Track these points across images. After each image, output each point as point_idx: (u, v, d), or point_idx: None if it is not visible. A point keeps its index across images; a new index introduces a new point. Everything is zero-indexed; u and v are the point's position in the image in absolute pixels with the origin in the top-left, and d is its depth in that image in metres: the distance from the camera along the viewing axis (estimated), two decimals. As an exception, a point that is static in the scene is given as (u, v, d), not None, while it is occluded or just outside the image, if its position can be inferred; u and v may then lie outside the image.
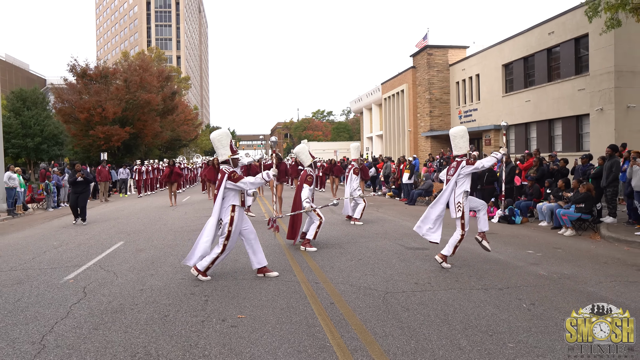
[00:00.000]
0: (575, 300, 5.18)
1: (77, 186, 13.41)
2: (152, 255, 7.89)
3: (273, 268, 6.63)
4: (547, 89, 21.91)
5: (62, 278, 6.44)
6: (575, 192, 11.40)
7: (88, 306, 5.09)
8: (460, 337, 4.11)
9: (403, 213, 14.40)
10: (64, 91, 32.64)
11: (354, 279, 6.10)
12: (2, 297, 5.62)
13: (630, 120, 18.14)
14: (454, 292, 5.46)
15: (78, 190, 13.37)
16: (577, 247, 8.94)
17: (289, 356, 3.74)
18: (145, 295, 5.45)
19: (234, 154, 6.38)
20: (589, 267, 6.96)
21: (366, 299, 5.22)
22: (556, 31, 21.20)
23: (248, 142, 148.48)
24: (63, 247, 9.12)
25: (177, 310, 4.85)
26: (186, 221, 12.54)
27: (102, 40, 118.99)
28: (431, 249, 8.09)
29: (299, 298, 5.26)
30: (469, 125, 28.62)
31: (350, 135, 72.97)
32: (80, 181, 13.35)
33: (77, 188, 13.40)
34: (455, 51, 31.32)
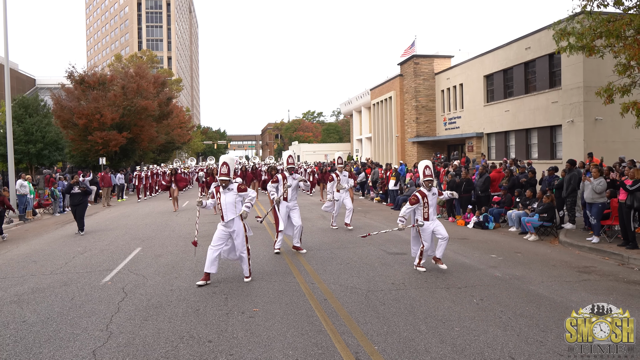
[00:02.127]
0: (516, 296, 6.61)
1: (74, 198, 13.46)
2: (171, 260, 9.22)
3: (276, 272, 8.02)
4: (524, 100, 23.48)
5: (101, 280, 7.76)
6: (539, 202, 12.91)
7: (132, 303, 6.43)
8: (421, 324, 5.51)
9: (388, 219, 15.81)
10: (63, 97, 33.69)
11: (342, 280, 7.49)
12: (57, 295, 6.92)
13: (598, 131, 19.76)
14: (422, 291, 6.88)
15: (75, 202, 13.40)
16: (535, 251, 10.41)
17: (295, 337, 5.12)
18: (175, 294, 6.80)
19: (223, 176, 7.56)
20: (537, 269, 8.41)
21: (352, 296, 6.62)
22: (532, 47, 22.78)
23: (239, 142, 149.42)
24: (88, 252, 10.41)
25: (205, 306, 6.21)
26: (192, 227, 13.79)
27: (92, 40, 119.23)
28: (408, 254, 9.50)
29: (299, 296, 6.65)
30: (453, 132, 30.20)
31: (340, 137, 74.36)
32: (78, 192, 13.41)
33: (74, 199, 13.42)
34: (440, 60, 32.85)
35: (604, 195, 10.97)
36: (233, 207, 7.45)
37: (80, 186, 13.47)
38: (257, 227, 13.13)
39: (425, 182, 8.28)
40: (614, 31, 9.10)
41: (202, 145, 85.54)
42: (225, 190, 7.49)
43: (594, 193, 10.95)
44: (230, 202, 7.45)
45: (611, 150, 19.19)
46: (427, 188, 8.22)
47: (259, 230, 12.90)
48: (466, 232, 13.16)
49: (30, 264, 9.40)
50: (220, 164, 7.56)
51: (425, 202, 8.15)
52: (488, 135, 26.88)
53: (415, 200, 8.13)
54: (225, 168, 7.50)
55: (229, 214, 7.42)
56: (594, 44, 10.13)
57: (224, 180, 7.48)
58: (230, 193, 7.49)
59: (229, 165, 7.54)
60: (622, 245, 10.18)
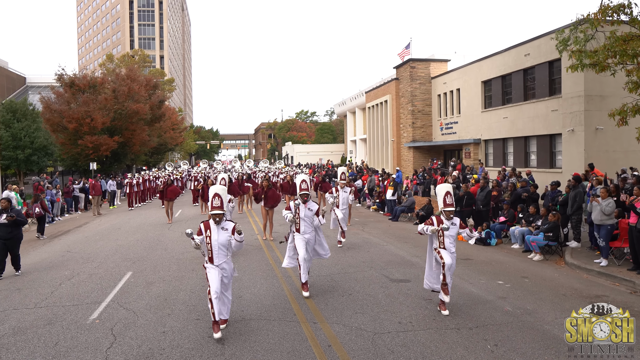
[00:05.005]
0: (532, 340, 6.20)
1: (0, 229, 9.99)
2: (163, 290, 8.74)
3: (275, 307, 7.58)
4: (523, 108, 23.15)
5: (88, 317, 7.27)
6: (544, 219, 12.55)
7: (122, 350, 5.95)
8: (435, 380, 5.09)
9: (387, 232, 15.41)
10: (52, 100, 32.97)
11: (346, 318, 7.05)
12: (40, 339, 6.44)
13: (599, 141, 19.44)
14: (431, 332, 6.46)
15: (3, 235, 9.98)
16: (542, 275, 10.03)
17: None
18: (168, 338, 6.33)
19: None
20: (549, 301, 8.02)
21: (358, 340, 6.18)
22: (532, 53, 22.43)
23: (232, 141, 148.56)
24: (75, 278, 9.90)
25: (200, 356, 5.75)
26: (184, 245, 13.33)
27: (83, 38, 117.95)
28: (412, 281, 9.09)
29: (301, 340, 6.20)
30: (449, 137, 29.85)
31: (334, 137, 73.92)
32: (4, 224, 9.97)
33: (1, 232, 9.98)
34: (437, 64, 32.47)
35: (612, 216, 10.62)
36: (225, 249, 6.51)
37: (8, 215, 10.00)
38: (251, 252, 12.73)
39: (445, 211, 7.45)
40: (631, 51, 8.73)
41: (195, 146, 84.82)
42: (218, 228, 6.51)
43: (603, 215, 10.59)
44: (223, 243, 6.49)
45: (612, 160, 18.90)
46: (447, 218, 7.45)
47: (255, 253, 12.46)
48: (468, 250, 12.78)
49: (14, 293, 8.88)
50: (212, 195, 6.57)
51: (440, 228, 7.34)
52: (486, 141, 26.55)
53: (429, 223, 7.47)
54: (218, 200, 6.53)
55: (220, 256, 6.47)
56: (606, 64, 9.77)
57: (217, 214, 6.53)
58: (224, 233, 6.50)
59: (222, 197, 6.60)
60: (633, 269, 9.83)
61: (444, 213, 7.47)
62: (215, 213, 6.53)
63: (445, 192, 7.56)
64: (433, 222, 7.43)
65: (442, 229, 7.27)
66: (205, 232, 6.51)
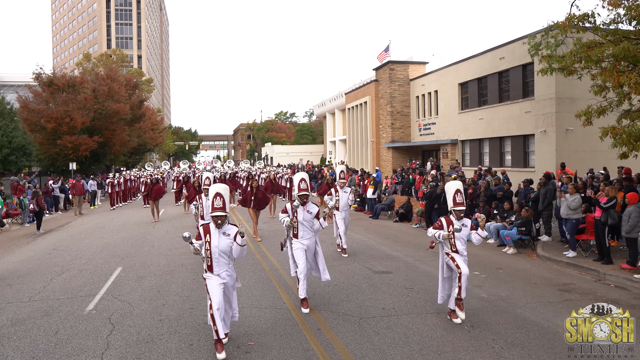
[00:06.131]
0: (505, 322, 6.74)
1: None
2: (155, 283, 9.03)
3: (265, 297, 7.96)
4: (498, 109, 23.96)
5: (84, 309, 7.53)
6: (517, 215, 13.21)
7: (122, 337, 6.26)
8: (417, 355, 5.56)
9: (368, 229, 15.91)
10: (30, 99, 32.61)
11: (332, 305, 7.48)
12: (40, 329, 6.69)
13: (569, 141, 20.32)
14: (413, 317, 6.93)
15: None
16: (516, 266, 10.64)
17: (294, 376, 5.10)
18: (165, 325, 6.66)
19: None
20: (521, 289, 8.59)
21: (345, 324, 6.62)
22: (506, 57, 23.26)
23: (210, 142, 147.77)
24: (66, 273, 10.09)
25: (198, 339, 6.11)
26: (171, 242, 13.58)
27: (58, 36, 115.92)
28: (394, 273, 9.58)
29: (293, 325, 6.61)
30: (428, 138, 30.58)
31: (313, 137, 74.40)
32: None
33: None
34: (415, 67, 33.20)
35: (578, 211, 11.30)
36: (226, 256, 5.81)
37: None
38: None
39: (456, 211, 6.87)
40: (594, 57, 9.39)
41: (174, 147, 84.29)
42: (219, 233, 5.78)
43: (569, 209, 11.27)
44: (224, 250, 5.76)
45: (582, 159, 19.76)
46: (457, 218, 6.88)
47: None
48: (446, 245, 13.32)
49: (5, 288, 9.05)
50: (213, 195, 5.81)
51: (451, 231, 6.76)
52: (462, 142, 27.33)
53: (439, 226, 6.92)
54: (220, 200, 5.77)
55: (221, 264, 5.78)
56: (573, 67, 10.43)
57: (219, 216, 5.77)
58: (225, 239, 5.77)
59: (224, 197, 5.84)
60: (598, 260, 10.51)
61: (454, 213, 6.89)
62: (217, 215, 5.75)
63: (455, 190, 6.93)
64: (442, 225, 6.87)
65: (455, 231, 6.66)
66: (205, 237, 5.79)
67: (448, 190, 7.06)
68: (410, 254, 11.68)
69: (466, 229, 6.89)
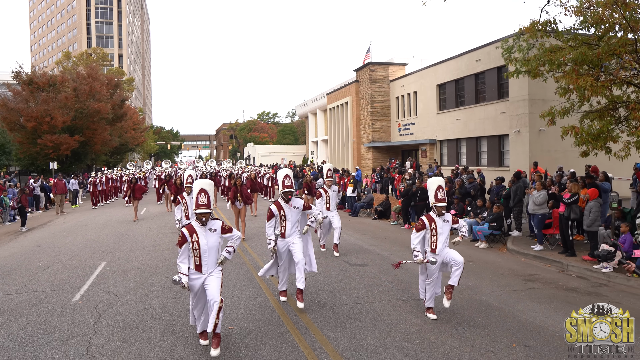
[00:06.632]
0: (470, 307, 7.24)
1: None
2: (139, 276, 9.34)
3: (245, 286, 8.34)
4: (474, 110, 24.68)
5: (70, 300, 7.83)
6: (489, 211, 13.80)
7: (108, 323, 6.59)
8: (385, 337, 6.01)
9: (347, 226, 16.34)
10: (9, 98, 32.38)
11: (309, 294, 7.90)
12: (28, 318, 6.97)
13: (542, 141, 21.09)
14: (384, 304, 7.39)
15: None
16: (486, 259, 11.19)
17: (271, 354, 5.52)
18: (150, 313, 7.01)
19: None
20: (488, 279, 9.12)
21: (320, 310, 7.05)
22: (482, 59, 23.97)
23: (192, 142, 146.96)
24: (51, 268, 10.33)
25: (181, 325, 6.47)
26: (154, 238, 13.86)
27: (36, 34, 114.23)
28: (369, 265, 10.04)
29: (271, 311, 7.02)
30: (407, 138, 31.22)
31: (295, 138, 74.82)
32: None
33: None
34: (395, 68, 33.84)
35: (544, 206, 11.92)
36: (215, 253, 5.64)
37: None
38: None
39: (437, 207, 6.79)
40: (556, 61, 9.99)
41: (156, 146, 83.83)
42: (205, 230, 5.57)
43: (535, 205, 11.89)
44: (213, 246, 5.59)
45: (553, 159, 20.54)
46: (438, 214, 6.83)
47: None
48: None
49: (-9, 282, 9.26)
50: (197, 191, 5.58)
51: (433, 229, 6.74)
52: (440, 142, 28.01)
53: (421, 226, 6.82)
54: (205, 197, 5.57)
55: (211, 264, 5.57)
56: (538, 71, 11.03)
57: (203, 213, 5.55)
58: (213, 235, 5.59)
59: (209, 193, 5.66)
60: (562, 252, 11.12)
61: (435, 209, 6.81)
62: (201, 212, 5.52)
63: (437, 186, 6.86)
64: (425, 224, 6.83)
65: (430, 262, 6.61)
66: (191, 237, 5.51)
67: (430, 186, 6.97)
68: (387, 248, 12.16)
69: (447, 224, 6.85)
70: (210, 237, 5.56)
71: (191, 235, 5.51)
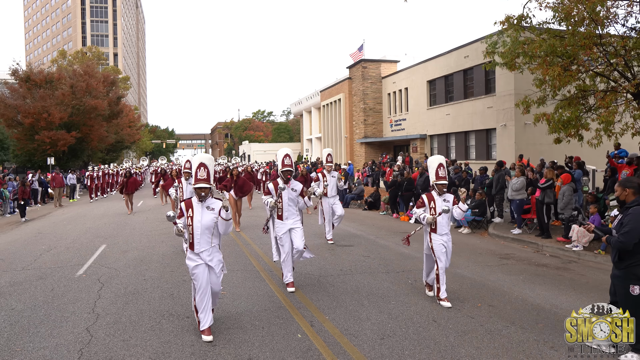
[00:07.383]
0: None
1: None
2: (138, 255, 9.93)
3: (237, 263, 8.95)
4: (463, 105, 25.35)
5: (75, 274, 8.41)
6: (472, 199, 14.46)
7: (111, 291, 7.19)
8: (364, 299, 6.64)
9: (338, 215, 16.97)
10: (7, 95, 32.84)
11: (297, 268, 8.49)
12: (37, 288, 7.55)
13: (527, 135, 21.77)
14: (366, 275, 8.02)
15: None
16: (467, 242, 11.84)
17: (259, 312, 6.14)
18: (149, 283, 7.61)
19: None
20: (465, 257, 9.77)
21: (306, 280, 7.67)
22: (470, 55, 24.62)
23: (188, 141, 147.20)
24: (54, 250, 10.90)
25: (178, 291, 7.08)
26: (151, 225, 14.44)
27: (31, 33, 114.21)
28: (355, 246, 10.66)
29: (261, 281, 7.63)
30: (398, 133, 31.87)
31: (290, 136, 75.36)
32: None
33: None
34: (387, 65, 34.48)
35: (522, 192, 12.58)
36: (210, 233, 5.35)
37: None
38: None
39: (438, 185, 6.59)
40: (529, 52, 10.63)
41: (151, 145, 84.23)
42: (202, 207, 5.32)
43: (512, 190, 12.56)
44: (208, 225, 5.31)
45: (539, 151, 21.17)
46: (439, 193, 6.62)
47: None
48: (408, 227, 14.49)
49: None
50: (196, 165, 5.35)
51: (432, 207, 6.55)
52: (431, 137, 28.68)
53: (421, 203, 6.72)
54: (204, 171, 5.34)
55: (203, 242, 5.31)
56: (514, 62, 11.68)
57: (202, 188, 5.31)
58: (209, 213, 5.31)
59: (209, 168, 5.41)
60: (539, 235, 11.78)
61: (437, 187, 6.62)
62: (201, 187, 5.30)
63: (438, 164, 6.64)
64: (424, 202, 6.65)
65: (443, 212, 6.49)
66: (187, 212, 5.33)
67: (430, 164, 6.74)
68: (373, 233, 12.79)
69: (449, 204, 6.60)
70: (206, 215, 5.27)
71: (187, 210, 5.33)
